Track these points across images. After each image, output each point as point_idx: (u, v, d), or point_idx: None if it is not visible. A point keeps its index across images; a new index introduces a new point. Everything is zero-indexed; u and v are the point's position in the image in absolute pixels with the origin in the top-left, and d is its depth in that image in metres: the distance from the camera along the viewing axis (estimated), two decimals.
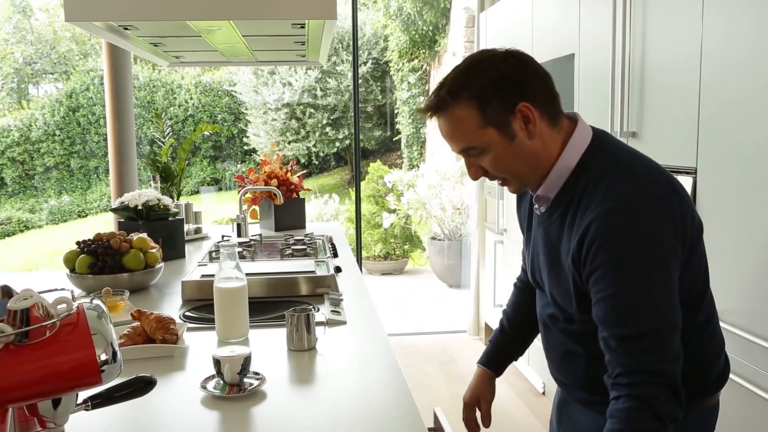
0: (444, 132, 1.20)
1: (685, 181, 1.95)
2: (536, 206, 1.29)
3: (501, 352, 1.56)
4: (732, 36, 1.78)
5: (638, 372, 1.07)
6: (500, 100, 1.14)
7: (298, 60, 2.70)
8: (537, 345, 1.48)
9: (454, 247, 6.35)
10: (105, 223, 9.81)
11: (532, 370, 3.45)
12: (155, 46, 2.22)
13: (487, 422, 1.53)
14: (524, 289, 1.56)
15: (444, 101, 1.16)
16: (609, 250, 1.09)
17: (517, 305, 1.57)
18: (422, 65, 9.56)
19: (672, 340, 1.09)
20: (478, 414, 1.55)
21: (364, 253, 6.96)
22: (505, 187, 1.27)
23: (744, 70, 1.73)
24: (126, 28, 1.84)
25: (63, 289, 0.91)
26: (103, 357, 0.83)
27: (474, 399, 1.54)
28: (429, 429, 1.64)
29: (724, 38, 1.81)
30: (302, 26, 1.88)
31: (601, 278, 1.10)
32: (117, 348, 0.86)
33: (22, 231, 11.13)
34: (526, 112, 1.15)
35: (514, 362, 1.59)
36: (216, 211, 10.00)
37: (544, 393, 3.41)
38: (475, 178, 1.24)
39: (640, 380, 1.07)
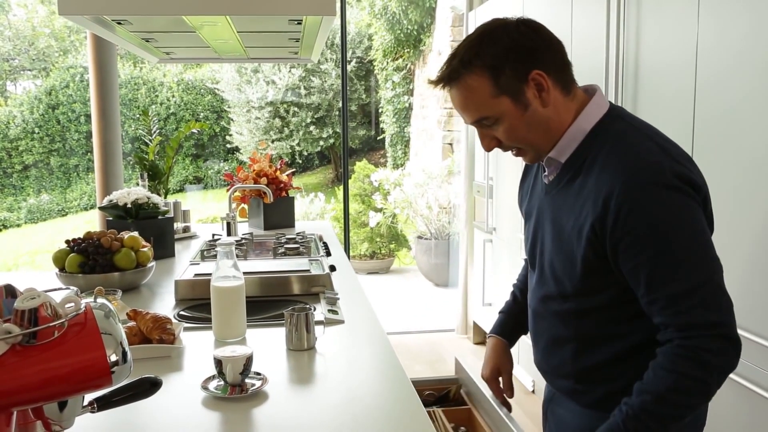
0: (456, 102, 1.19)
1: None
2: (545, 173, 1.27)
3: (514, 320, 1.53)
4: (727, 37, 1.79)
5: (693, 327, 1.07)
6: (513, 68, 1.13)
7: (291, 57, 2.68)
8: (526, 342, 1.47)
9: (440, 246, 6.36)
10: (86, 222, 9.69)
11: (521, 368, 3.45)
12: (147, 41, 2.19)
13: (510, 392, 1.50)
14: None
15: (456, 71, 1.15)
16: (640, 213, 1.07)
17: (526, 277, 1.53)
18: (407, 64, 9.56)
19: (722, 289, 1.09)
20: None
21: (350, 252, 6.93)
22: (520, 158, 1.26)
23: (739, 72, 1.74)
24: (119, 23, 1.81)
25: (69, 288, 0.88)
26: (114, 358, 0.81)
27: (495, 371, 1.50)
28: (452, 378, 1.69)
29: (719, 39, 1.82)
30: (299, 22, 1.86)
31: (635, 242, 1.08)
32: (127, 348, 0.84)
33: (0, 230, 10.95)
34: (539, 80, 1.14)
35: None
36: (201, 210, 9.91)
37: (533, 391, 3.42)
38: (488, 149, 1.22)
39: (695, 334, 1.07)
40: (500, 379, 1.51)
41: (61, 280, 2.08)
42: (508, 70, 1.13)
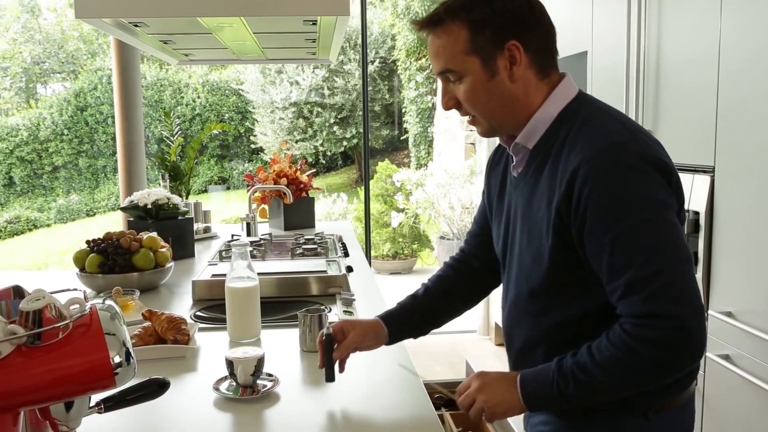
0: (431, 48, 1.17)
1: (703, 180, 1.92)
2: (513, 164, 1.23)
3: (405, 315, 1.38)
4: (750, 30, 1.74)
5: (645, 316, 1.01)
6: (493, 32, 1.12)
7: (309, 58, 2.68)
8: None
9: None
10: (113, 222, 9.84)
11: None
12: (165, 43, 2.21)
13: (341, 366, 1.32)
14: (454, 267, 1.44)
15: (439, 17, 1.14)
16: (601, 193, 1.03)
17: (439, 279, 1.43)
18: (430, 64, 9.54)
19: (684, 278, 1.01)
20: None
21: (372, 252, 6.94)
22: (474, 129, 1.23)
23: (763, 66, 1.70)
24: (136, 25, 1.83)
25: (75, 290, 0.89)
26: (117, 359, 0.81)
27: (340, 332, 1.31)
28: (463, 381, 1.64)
29: (743, 33, 1.77)
30: (314, 23, 1.85)
31: (597, 224, 1.04)
32: (131, 350, 0.84)
33: (30, 230, 11.17)
34: (514, 51, 1.12)
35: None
36: (224, 210, 10.00)
37: None
38: (446, 107, 1.19)
39: (645, 323, 1.01)
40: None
41: (82, 280, 2.10)
42: (488, 33, 1.11)
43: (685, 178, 2.01)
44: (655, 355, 1.01)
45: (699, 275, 1.92)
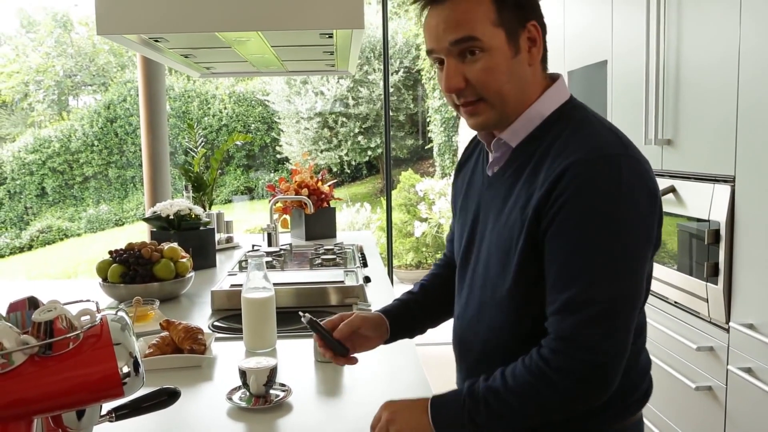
0: (449, 17, 1.04)
1: (723, 190, 1.89)
2: (489, 164, 1.15)
3: (405, 310, 1.34)
4: None
5: (571, 341, 0.95)
6: (518, 7, 1.05)
7: (328, 70, 2.71)
8: None
9: None
10: (140, 232, 9.98)
11: None
12: (186, 57, 2.25)
13: (345, 349, 1.24)
14: (444, 266, 1.40)
15: None
16: (580, 201, 0.96)
17: (433, 275, 1.40)
18: None
19: (624, 317, 0.96)
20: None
21: (395, 262, 6.94)
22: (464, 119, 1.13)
23: None
24: (156, 41, 1.87)
25: (88, 300, 0.91)
26: (125, 369, 0.83)
27: (340, 318, 1.26)
28: None
29: (763, 37, 1.75)
30: (330, 36, 1.88)
31: (562, 230, 0.98)
32: (140, 361, 0.86)
33: (62, 239, 11.40)
34: (534, 33, 1.07)
35: None
36: (249, 220, 10.09)
37: None
38: (454, 87, 1.06)
39: (567, 350, 0.95)
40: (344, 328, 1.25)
41: (104, 290, 2.14)
42: (513, 7, 1.05)
43: (705, 187, 1.99)
44: (569, 386, 0.96)
45: (720, 287, 1.89)
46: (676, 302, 2.17)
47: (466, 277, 1.20)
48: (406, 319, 1.33)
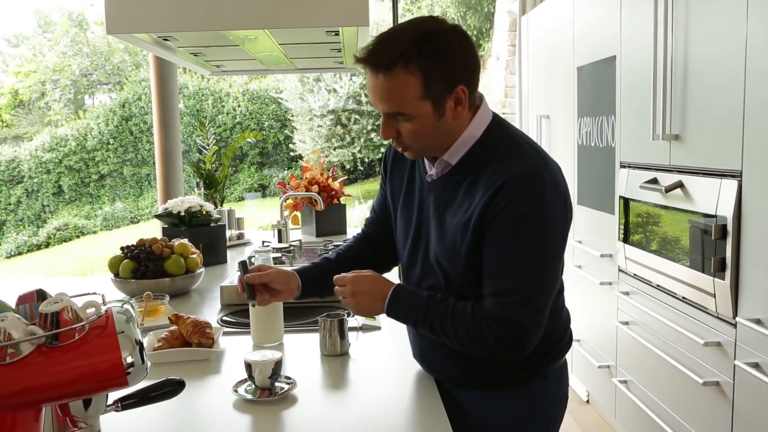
0: (379, 90, 1.19)
1: (730, 185, 1.89)
2: (430, 172, 1.31)
3: (317, 272, 1.49)
4: None
5: (501, 317, 1.19)
6: (445, 79, 1.18)
7: (337, 67, 2.73)
8: (579, 352, 1.45)
9: None
10: (155, 229, 10.07)
11: (575, 377, 3.38)
12: (196, 56, 2.28)
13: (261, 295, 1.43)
14: (361, 240, 1.57)
15: (393, 62, 1.15)
16: (515, 209, 1.17)
17: (349, 247, 1.56)
18: None
19: (537, 302, 1.21)
20: None
21: None
22: (403, 151, 1.30)
23: None
24: (166, 39, 1.89)
25: (94, 293, 0.94)
26: (129, 359, 0.85)
27: (258, 268, 1.44)
28: None
29: None
30: (336, 33, 1.89)
31: (497, 234, 1.19)
32: (144, 351, 0.88)
33: (78, 237, 11.53)
34: (461, 95, 1.20)
35: None
36: (261, 217, 10.14)
37: (588, 401, 3.34)
38: (386, 137, 1.26)
39: (500, 322, 1.19)
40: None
41: (116, 285, 2.18)
42: (440, 79, 1.17)
43: (712, 182, 1.99)
44: (494, 343, 1.21)
45: (727, 282, 1.89)
46: (683, 297, 2.17)
47: (417, 266, 1.38)
48: (316, 282, 1.49)
